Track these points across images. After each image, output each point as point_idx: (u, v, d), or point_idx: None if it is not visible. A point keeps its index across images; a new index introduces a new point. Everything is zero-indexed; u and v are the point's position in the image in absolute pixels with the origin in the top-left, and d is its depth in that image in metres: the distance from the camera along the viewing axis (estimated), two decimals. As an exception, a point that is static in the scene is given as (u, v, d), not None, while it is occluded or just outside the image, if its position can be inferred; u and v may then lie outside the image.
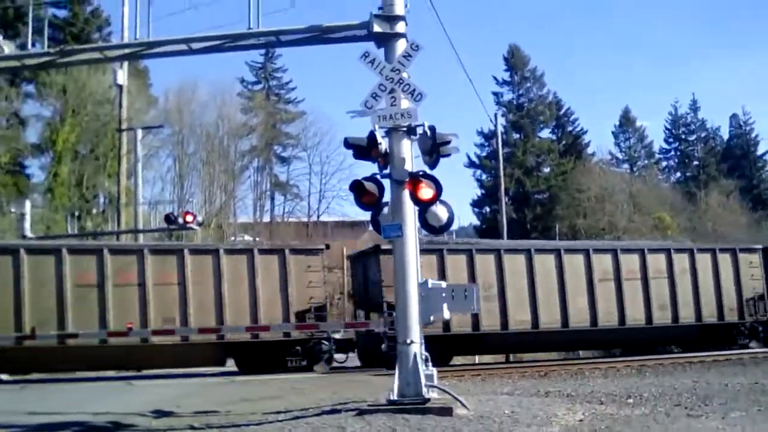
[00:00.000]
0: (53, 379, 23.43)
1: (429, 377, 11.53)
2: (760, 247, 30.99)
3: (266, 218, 69.61)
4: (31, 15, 14.04)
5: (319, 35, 12.50)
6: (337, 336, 25.75)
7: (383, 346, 24.73)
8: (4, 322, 22.23)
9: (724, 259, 29.28)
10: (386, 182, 11.66)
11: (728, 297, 28.89)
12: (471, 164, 72.46)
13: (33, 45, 13.80)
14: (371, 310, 26.60)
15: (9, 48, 12.77)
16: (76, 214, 44.60)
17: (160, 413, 12.75)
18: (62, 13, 55.40)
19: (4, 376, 25.70)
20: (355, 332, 25.87)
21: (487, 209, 71.39)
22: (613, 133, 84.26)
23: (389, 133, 11.68)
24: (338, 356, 26.15)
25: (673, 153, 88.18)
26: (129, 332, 22.30)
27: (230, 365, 25.72)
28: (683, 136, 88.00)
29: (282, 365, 24.79)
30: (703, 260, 28.98)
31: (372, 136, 11.40)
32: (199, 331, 23.44)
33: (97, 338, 22.71)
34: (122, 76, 35.12)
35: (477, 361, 32.43)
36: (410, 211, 11.63)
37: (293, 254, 25.32)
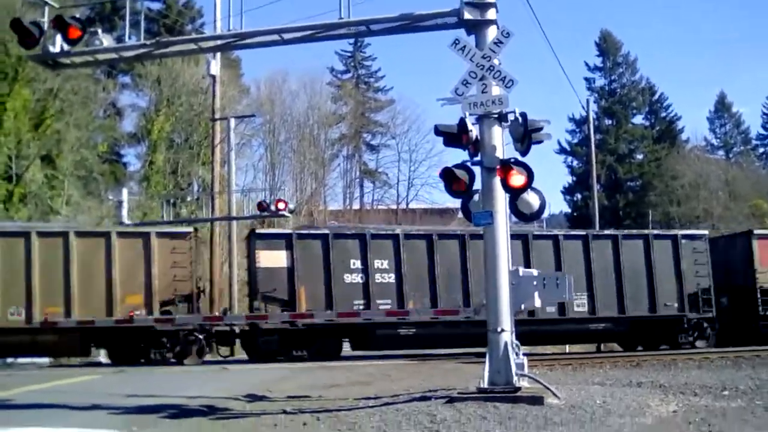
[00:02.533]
0: (144, 364, 24.03)
1: (519, 366, 11.46)
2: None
3: (356, 205, 70.13)
4: (128, 8, 14.33)
5: (409, 23, 12.47)
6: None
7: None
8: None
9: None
10: (477, 169, 11.60)
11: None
12: (562, 150, 71.78)
13: (129, 37, 14.10)
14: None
15: (107, 41, 13.05)
16: (172, 201, 45.45)
17: (253, 397, 12.98)
18: (156, 6, 56.70)
19: (103, 359, 26.57)
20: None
21: (579, 196, 70.58)
22: (708, 119, 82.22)
23: (480, 120, 11.62)
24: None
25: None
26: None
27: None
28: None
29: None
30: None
31: (462, 123, 11.35)
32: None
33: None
34: (215, 66, 35.63)
35: (567, 351, 32.18)
36: (501, 198, 11.56)
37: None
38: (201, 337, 24.62)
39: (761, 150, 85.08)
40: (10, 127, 42.77)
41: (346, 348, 27.11)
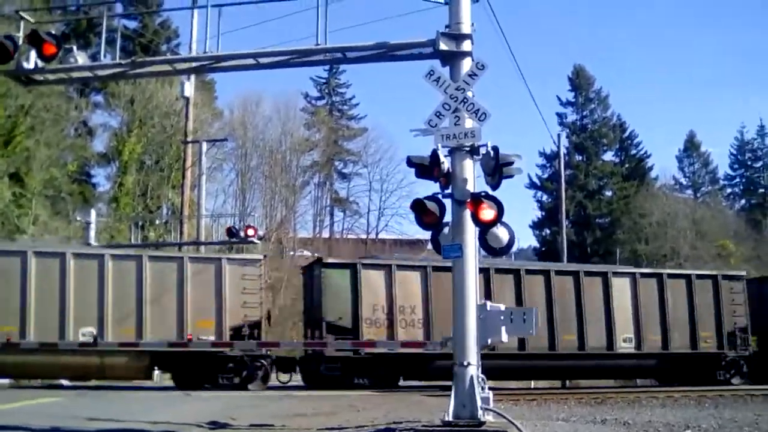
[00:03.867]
0: (110, 387, 23.73)
1: (485, 400, 11.40)
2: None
3: (325, 234, 70.01)
4: (104, 25, 14.27)
5: (385, 52, 12.51)
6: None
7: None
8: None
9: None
10: (447, 202, 11.61)
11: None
12: (532, 185, 72.03)
13: (104, 56, 14.02)
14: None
15: (82, 58, 12.99)
16: (140, 224, 45.19)
17: (215, 425, 12.82)
18: (132, 24, 56.49)
19: (65, 382, 26.20)
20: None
21: (547, 231, 70.79)
22: (677, 157, 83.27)
23: (452, 152, 11.64)
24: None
25: (738, 179, 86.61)
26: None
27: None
28: (749, 163, 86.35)
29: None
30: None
31: (435, 155, 11.37)
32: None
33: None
34: (189, 88, 35.71)
35: (532, 386, 32.16)
36: (471, 231, 11.55)
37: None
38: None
39: (729, 190, 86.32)
40: (-21, 143, 42.33)
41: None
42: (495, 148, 11.31)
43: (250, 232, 32.43)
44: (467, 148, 11.53)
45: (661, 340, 27.91)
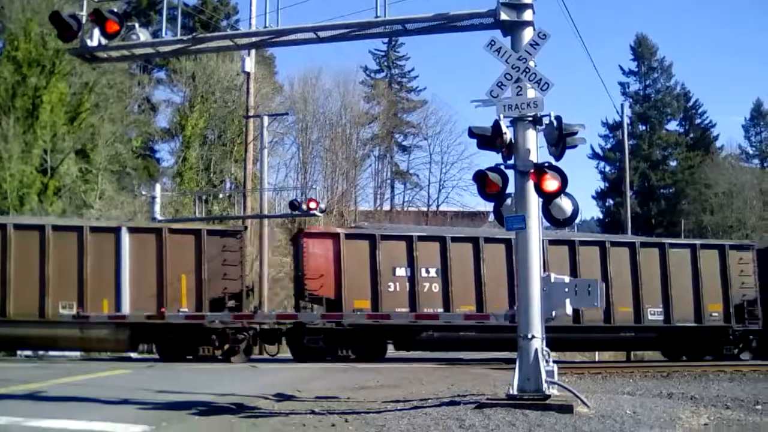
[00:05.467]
0: (175, 360, 24.09)
1: (549, 373, 11.32)
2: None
3: (386, 206, 70.09)
4: (165, 3, 14.41)
5: (445, 23, 12.40)
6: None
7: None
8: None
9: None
10: (510, 173, 11.48)
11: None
12: (594, 156, 71.29)
13: (165, 33, 14.15)
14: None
15: (144, 36, 13.11)
16: (204, 198, 45.77)
17: (281, 396, 12.94)
18: (192, 1, 57.02)
19: (133, 354, 26.74)
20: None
21: (611, 202, 70.06)
22: (743, 126, 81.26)
23: (514, 122, 11.51)
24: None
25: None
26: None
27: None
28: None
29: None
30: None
31: (497, 125, 11.24)
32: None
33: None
34: (250, 63, 35.82)
35: (597, 359, 31.95)
36: (534, 202, 11.43)
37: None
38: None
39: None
40: (46, 120, 43.15)
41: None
42: (558, 118, 11.16)
43: (312, 205, 32.60)
44: (530, 119, 11.38)
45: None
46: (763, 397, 14.00)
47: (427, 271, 25.60)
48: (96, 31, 12.64)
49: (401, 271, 25.44)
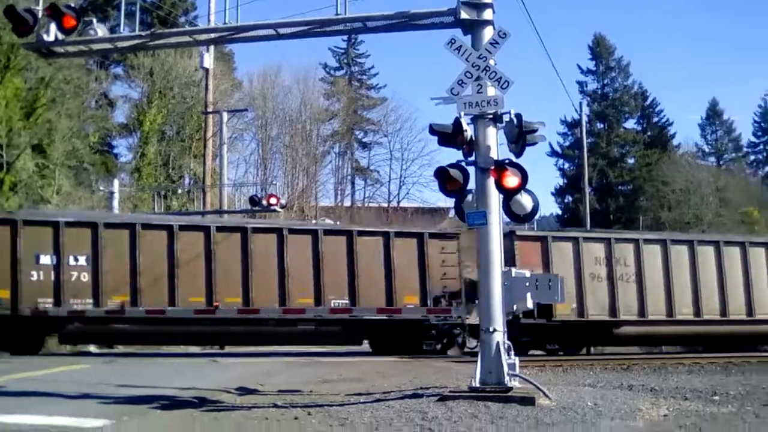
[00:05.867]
0: (137, 354, 23.96)
1: (511, 366, 11.49)
2: None
3: (347, 203, 70.06)
4: (124, -1, 14.35)
5: (405, 21, 12.49)
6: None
7: None
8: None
9: None
10: (471, 170, 11.63)
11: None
12: (553, 153, 71.91)
13: (123, 28, 14.07)
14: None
15: (102, 31, 13.04)
16: (162, 193, 45.49)
17: (244, 390, 12.97)
18: (150, -3, 56.42)
19: (93, 349, 26.53)
20: None
21: (569, 199, 70.79)
22: (699, 125, 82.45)
23: (475, 120, 11.65)
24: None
25: (761, 147, 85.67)
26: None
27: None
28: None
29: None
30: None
31: (457, 123, 11.37)
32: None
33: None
34: (209, 59, 35.71)
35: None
36: (495, 199, 11.58)
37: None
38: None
39: (752, 157, 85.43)
40: (1, 115, 42.47)
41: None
42: (518, 116, 11.31)
43: (273, 200, 32.56)
44: (490, 116, 11.53)
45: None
46: (720, 389, 14.27)
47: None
48: (53, 26, 12.57)
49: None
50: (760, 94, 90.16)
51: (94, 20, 13.26)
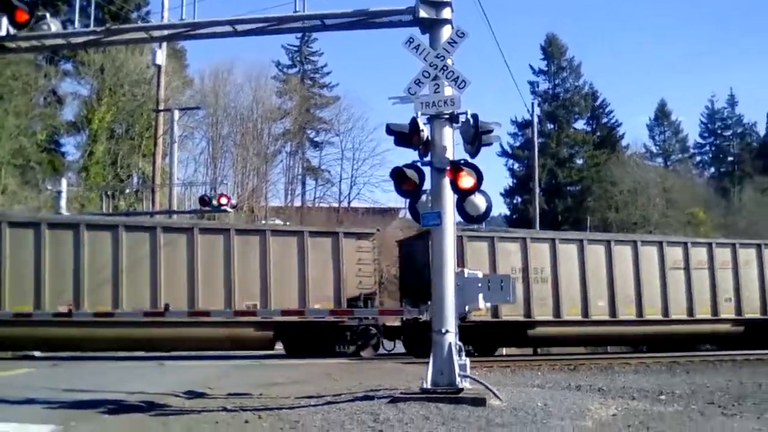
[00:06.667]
0: (83, 357, 23.58)
1: (462, 367, 11.51)
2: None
3: (297, 203, 69.76)
4: (77, -7, 14.12)
5: (364, 19, 12.46)
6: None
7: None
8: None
9: None
10: (426, 170, 11.60)
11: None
12: (504, 153, 72.29)
13: (77, 24, 13.84)
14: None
15: (55, 26, 12.85)
16: (110, 193, 44.89)
17: (192, 394, 12.81)
18: (102, -9, 55.65)
19: (36, 353, 25.99)
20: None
21: (519, 199, 71.28)
22: (648, 126, 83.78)
23: (431, 120, 11.62)
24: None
25: (708, 148, 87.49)
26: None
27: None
28: (719, 131, 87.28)
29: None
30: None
31: (414, 122, 11.33)
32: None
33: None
34: (161, 56, 35.29)
35: (504, 353, 32.38)
36: (449, 199, 11.56)
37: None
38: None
39: (699, 159, 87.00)
40: (-54, 112, 41.79)
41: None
42: (474, 116, 11.30)
43: (223, 200, 32.28)
44: (447, 116, 11.51)
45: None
46: (666, 388, 14.48)
47: None
48: (4, 21, 12.30)
49: None
50: (707, 96, 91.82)
51: (48, 15, 13.01)
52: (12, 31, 12.36)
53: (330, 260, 25.35)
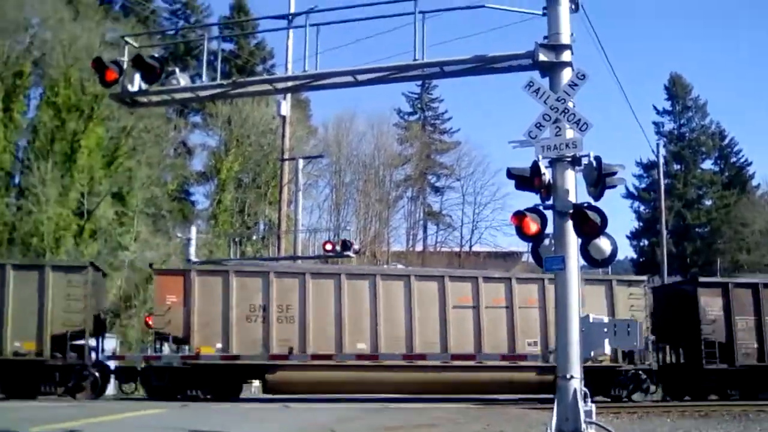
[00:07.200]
0: (209, 399, 24.15)
1: (588, 413, 11.24)
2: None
3: (419, 247, 70.03)
4: (206, 48, 14.69)
5: (483, 65, 12.50)
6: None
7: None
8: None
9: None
10: (549, 213, 11.50)
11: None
12: (629, 195, 71.01)
13: (204, 77, 14.39)
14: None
15: (184, 80, 13.36)
16: (238, 240, 46.13)
17: (318, 437, 12.96)
18: (228, 46, 57.76)
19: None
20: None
21: (645, 242, 69.74)
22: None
23: (553, 163, 11.52)
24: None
25: None
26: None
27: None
28: None
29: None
30: None
31: (535, 166, 11.28)
32: None
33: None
34: (286, 107, 36.18)
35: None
36: (573, 243, 11.41)
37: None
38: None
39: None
40: (84, 164, 43.89)
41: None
42: (597, 158, 11.17)
43: (346, 246, 32.70)
44: (569, 159, 11.40)
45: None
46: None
47: None
48: (137, 76, 12.90)
49: None
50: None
51: (177, 70, 13.57)
52: (144, 86, 12.95)
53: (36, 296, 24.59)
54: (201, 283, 24.84)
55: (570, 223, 11.16)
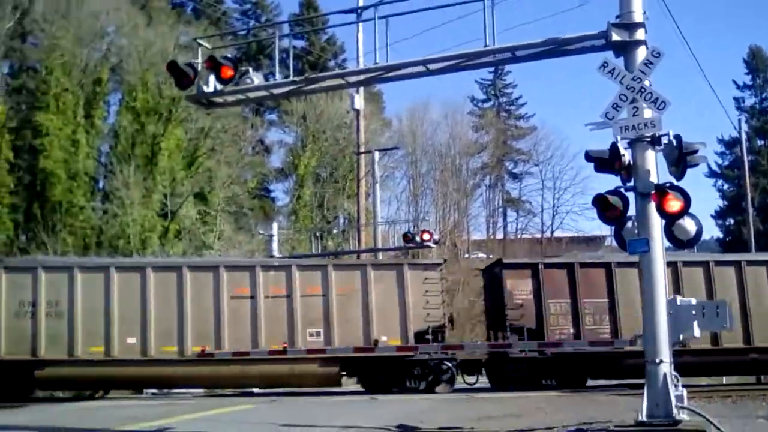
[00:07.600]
0: (296, 393, 24.37)
1: (679, 398, 11.01)
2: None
3: (499, 235, 69.65)
4: (277, 46, 14.79)
5: (555, 48, 12.31)
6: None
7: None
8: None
9: None
10: (630, 195, 11.29)
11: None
12: (711, 173, 69.22)
13: (278, 75, 14.49)
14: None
15: (258, 79, 13.48)
16: (319, 234, 46.55)
17: (404, 428, 12.95)
18: (299, 43, 58.30)
19: (255, 389, 27.17)
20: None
21: (731, 221, 68.02)
22: None
23: (632, 144, 11.32)
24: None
25: None
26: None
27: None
28: None
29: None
30: None
31: (614, 147, 11.09)
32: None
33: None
34: (359, 100, 36.23)
35: (724, 381, 30.87)
36: (656, 224, 11.19)
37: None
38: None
39: None
40: (165, 166, 44.77)
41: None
42: (678, 137, 10.93)
43: (426, 236, 32.62)
44: (648, 139, 11.18)
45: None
46: None
47: None
48: (211, 78, 13.06)
49: None
50: None
51: (250, 69, 13.69)
52: (219, 86, 13.10)
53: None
54: None
55: (652, 205, 10.94)
